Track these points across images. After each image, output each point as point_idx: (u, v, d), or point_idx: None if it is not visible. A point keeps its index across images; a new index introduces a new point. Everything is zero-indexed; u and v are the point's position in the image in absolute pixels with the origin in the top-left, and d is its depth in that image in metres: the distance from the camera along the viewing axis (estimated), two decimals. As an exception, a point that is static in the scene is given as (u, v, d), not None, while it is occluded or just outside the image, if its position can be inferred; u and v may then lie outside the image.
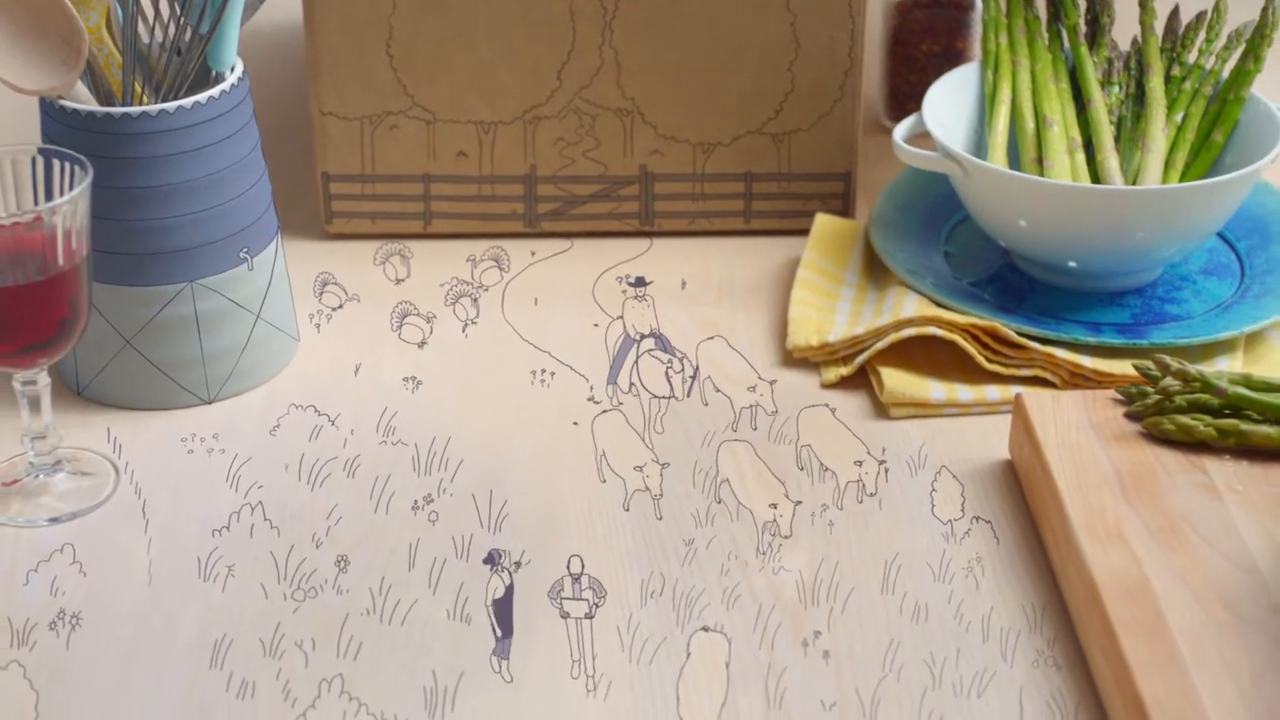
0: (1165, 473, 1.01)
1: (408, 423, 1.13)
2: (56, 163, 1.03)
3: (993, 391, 1.14)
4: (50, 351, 1.02)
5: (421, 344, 1.19)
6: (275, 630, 0.97)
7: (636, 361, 1.17)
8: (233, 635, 0.96)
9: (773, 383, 1.15)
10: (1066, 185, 1.17)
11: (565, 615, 0.95)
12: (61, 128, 1.08)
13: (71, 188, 1.01)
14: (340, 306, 1.23)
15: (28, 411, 1.06)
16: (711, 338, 1.19)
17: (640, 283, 1.25)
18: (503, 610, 0.96)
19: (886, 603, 0.98)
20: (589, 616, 0.95)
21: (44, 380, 1.04)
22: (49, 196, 1.03)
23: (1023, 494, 1.07)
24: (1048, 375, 1.15)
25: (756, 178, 1.31)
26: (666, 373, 1.15)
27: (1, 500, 1.06)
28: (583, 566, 0.99)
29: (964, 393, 1.14)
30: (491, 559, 1.00)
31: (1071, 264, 1.20)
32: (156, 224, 1.10)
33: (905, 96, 1.45)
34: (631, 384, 1.15)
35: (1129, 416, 1.05)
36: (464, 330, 1.21)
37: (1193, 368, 1.06)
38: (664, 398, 1.14)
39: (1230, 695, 0.86)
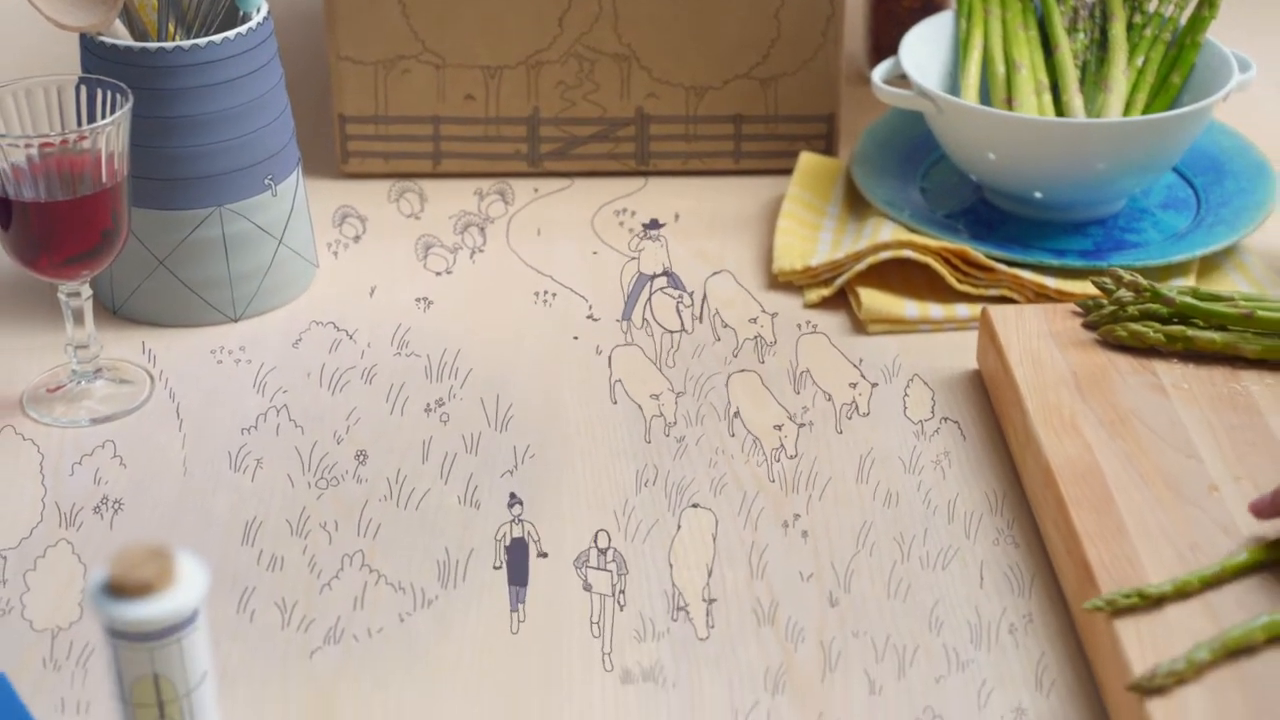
0: (1118, 374, 1.10)
1: (420, 337, 1.21)
2: (99, 91, 1.11)
3: (962, 309, 1.23)
4: (93, 263, 1.11)
5: (445, 272, 1.28)
6: (301, 513, 1.05)
7: (650, 298, 1.24)
8: (262, 517, 1.05)
9: (774, 315, 1.23)
10: (1032, 119, 1.26)
11: (588, 588, 0.99)
12: (101, 62, 1.17)
13: (113, 113, 1.10)
14: (358, 238, 1.32)
15: (71, 323, 1.14)
16: (717, 273, 1.27)
17: (654, 224, 1.32)
18: (517, 560, 1.02)
19: (861, 490, 1.07)
20: (613, 594, 0.99)
21: (86, 293, 1.13)
22: (92, 121, 1.11)
23: (988, 399, 1.16)
24: (1013, 295, 1.24)
25: (745, 120, 1.40)
26: (677, 308, 1.23)
27: (47, 404, 1.15)
28: (609, 541, 1.03)
29: (936, 310, 1.23)
30: (512, 500, 1.05)
31: (1038, 195, 1.29)
32: (188, 151, 1.19)
33: (887, 50, 1.54)
34: (645, 320, 1.23)
35: (1086, 326, 1.14)
36: (471, 257, 1.30)
37: (1144, 280, 1.14)
38: (675, 332, 1.22)
39: (1169, 560, 0.95)
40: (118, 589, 0.65)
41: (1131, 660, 0.88)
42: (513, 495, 1.04)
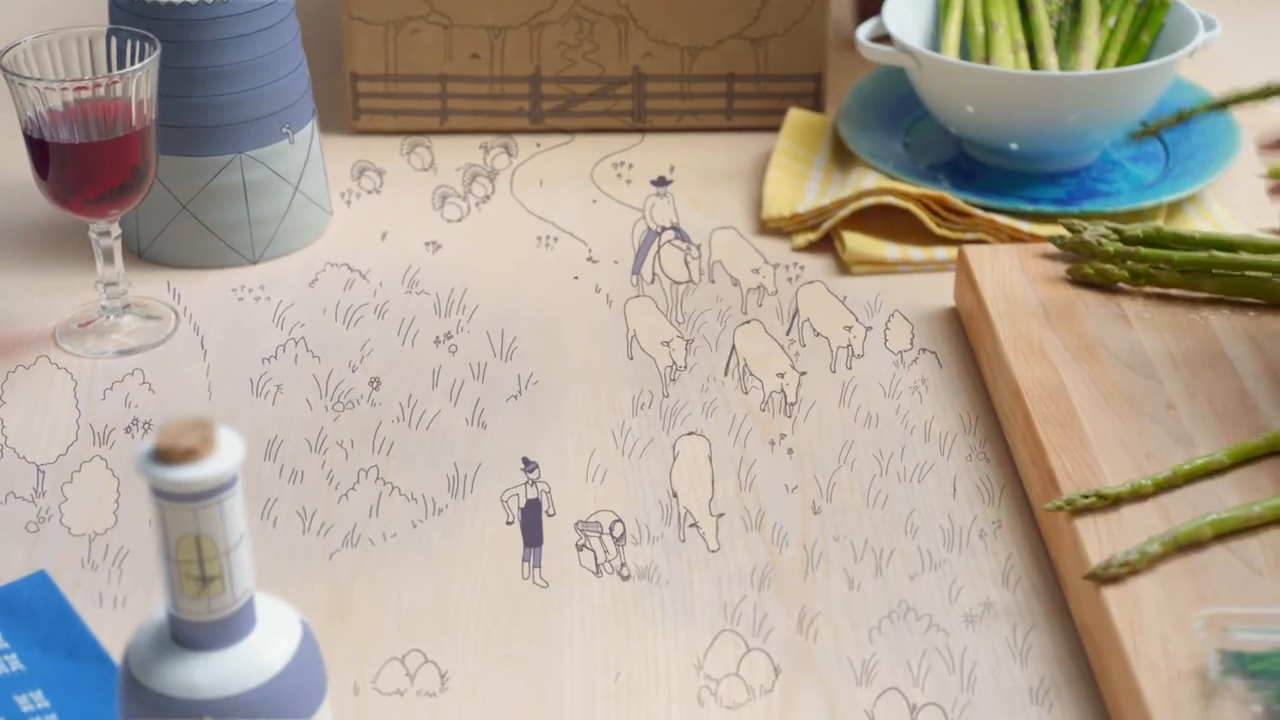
0: (1084, 306, 1.18)
1: (429, 277, 1.29)
2: (128, 41, 1.19)
3: (941, 252, 1.31)
4: (122, 201, 1.18)
5: (460, 220, 1.35)
6: (319, 433, 1.13)
7: (658, 252, 1.31)
8: (283, 436, 1.12)
9: (775, 266, 1.29)
10: (1007, 72, 1.33)
11: (584, 546, 1.03)
12: (128, 15, 1.24)
13: (142, 60, 1.17)
14: (375, 190, 1.39)
15: (101, 261, 1.22)
16: (723, 227, 1.33)
17: (662, 182, 1.38)
18: (531, 522, 1.06)
19: (843, 413, 1.14)
20: (614, 567, 1.03)
21: (115, 232, 1.20)
22: (122, 69, 1.19)
23: (964, 333, 1.23)
24: (989, 238, 1.31)
25: (737, 78, 1.47)
26: (684, 259, 1.30)
27: (78, 337, 1.22)
28: (624, 529, 1.06)
29: (916, 253, 1.31)
30: (528, 464, 1.10)
31: (1014, 146, 1.36)
32: (210, 101, 1.26)
33: (872, 13, 1.61)
34: (654, 274, 1.29)
35: (1062, 249, 1.21)
36: (478, 205, 1.37)
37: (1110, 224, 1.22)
38: (682, 283, 1.28)
39: (1127, 468, 1.02)
40: (164, 455, 0.72)
41: (1089, 554, 0.96)
42: (527, 460, 1.09)
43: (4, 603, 0.98)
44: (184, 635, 0.76)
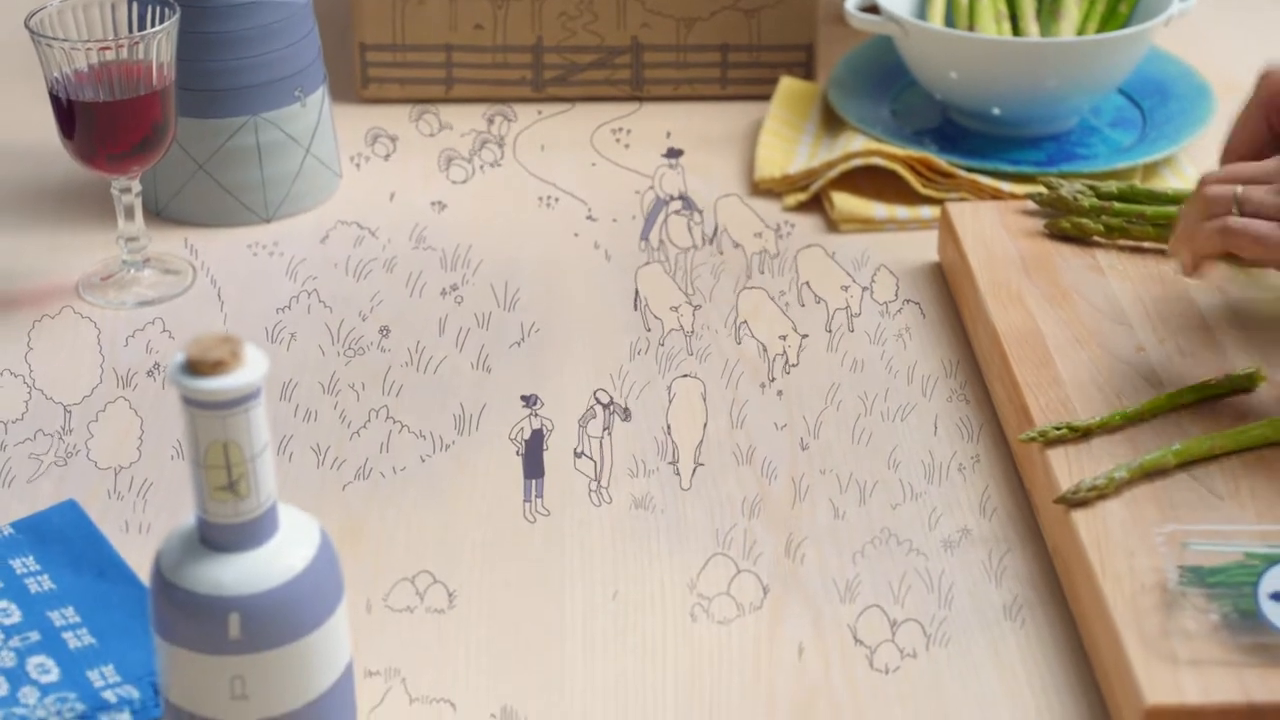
0: (1060, 258, 1.23)
1: (436, 234, 1.34)
2: (149, 6, 1.24)
3: (926, 211, 1.36)
4: (143, 158, 1.24)
5: (464, 181, 1.41)
6: (331, 377, 1.19)
7: (665, 220, 1.36)
8: (297, 379, 1.18)
9: (776, 231, 1.34)
10: (989, 38, 1.39)
11: (582, 453, 1.10)
12: (148, -17, 1.30)
13: (162, 23, 1.23)
14: (388, 156, 1.44)
15: (123, 218, 1.27)
16: (726, 195, 1.39)
17: (673, 153, 1.43)
18: (533, 452, 1.13)
19: (830, 358, 1.20)
20: (607, 430, 1.11)
21: (136, 188, 1.26)
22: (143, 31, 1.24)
23: (947, 286, 1.29)
24: (971, 197, 1.37)
25: (731, 48, 1.53)
26: (688, 226, 1.35)
27: (100, 290, 1.28)
28: (611, 399, 1.15)
29: (902, 211, 1.36)
30: (529, 401, 1.16)
31: (996, 111, 1.42)
32: (226, 65, 1.32)
33: (863, -9, 1.67)
34: (661, 240, 1.35)
35: (1041, 206, 1.26)
36: (482, 169, 1.43)
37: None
38: (687, 249, 1.34)
39: (1098, 404, 1.08)
40: (195, 367, 0.78)
41: (1060, 481, 1.01)
42: (526, 396, 1.15)
43: (35, 529, 1.04)
44: (212, 538, 0.81)
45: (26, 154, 1.45)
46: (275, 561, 0.82)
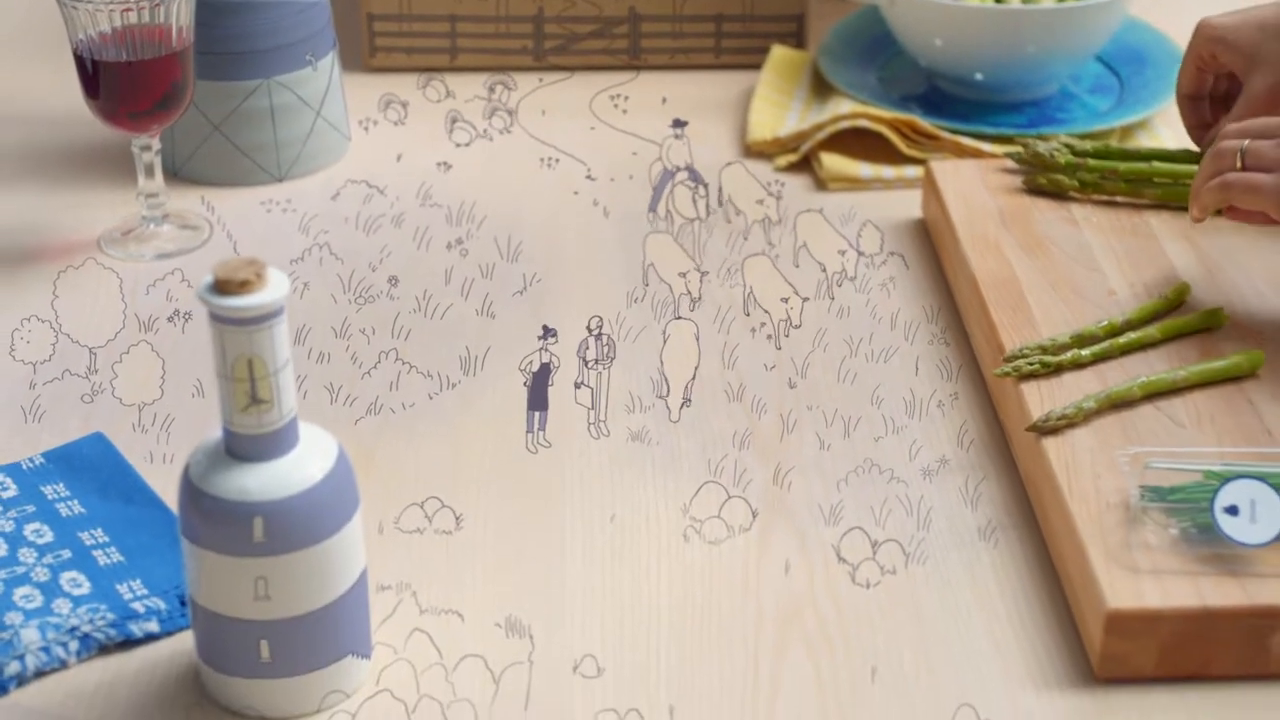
0: (1037, 211, 1.29)
1: (441, 192, 1.41)
2: (168, -28, 1.30)
3: (910, 171, 1.43)
4: (163, 116, 1.30)
5: (468, 144, 1.47)
6: (343, 322, 1.25)
7: (671, 191, 1.42)
8: (310, 325, 1.24)
9: (778, 199, 1.40)
10: (971, 6, 1.45)
11: (581, 384, 1.16)
12: (167, -49, 1.36)
13: (181, -12, 1.29)
14: (399, 122, 1.50)
15: (143, 175, 1.33)
16: (729, 164, 1.44)
17: (679, 124, 1.48)
18: (539, 385, 1.19)
19: (818, 305, 1.26)
20: (599, 362, 1.17)
21: (156, 146, 1.32)
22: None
23: (930, 240, 1.35)
24: (954, 158, 1.43)
25: (725, 19, 1.59)
26: (693, 197, 1.40)
27: (121, 244, 1.34)
28: (601, 326, 1.22)
29: (887, 171, 1.43)
30: (546, 333, 1.21)
31: (979, 76, 1.48)
32: (241, 29, 1.38)
33: (853, -33, 1.73)
34: (668, 211, 1.40)
35: (1020, 163, 1.32)
36: (485, 132, 1.49)
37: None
38: (692, 219, 1.39)
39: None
40: (222, 286, 0.84)
41: (1033, 412, 1.07)
42: (547, 327, 1.21)
43: (65, 458, 1.10)
44: (237, 448, 0.88)
45: (49, 120, 1.51)
46: (296, 471, 0.88)
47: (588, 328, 1.16)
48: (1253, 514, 0.95)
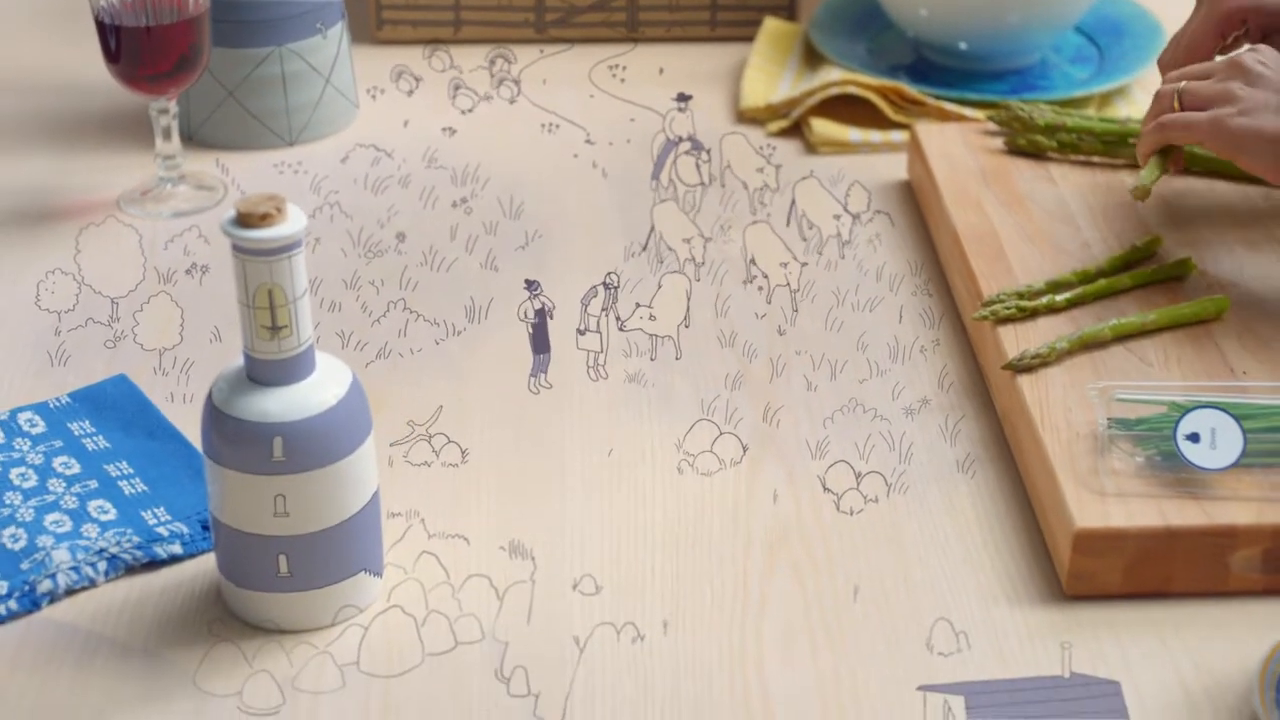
0: (1016, 170, 1.35)
1: (446, 155, 1.46)
2: (184, -59, 1.36)
3: (897, 135, 1.48)
4: (180, 79, 1.35)
5: (470, 110, 1.52)
6: (353, 274, 1.30)
7: (675, 160, 1.47)
8: (322, 277, 1.30)
9: (778, 166, 1.45)
10: (955, -23, 1.51)
11: (584, 330, 1.20)
12: (183, -77, 1.42)
13: (197, -43, 1.35)
14: (410, 92, 1.55)
15: (160, 138, 1.39)
16: (731, 133, 1.50)
17: (683, 97, 1.53)
18: (540, 330, 1.25)
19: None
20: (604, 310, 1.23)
21: (173, 109, 1.38)
22: (179, -35, 1.37)
23: (915, 201, 1.41)
24: (939, 123, 1.49)
25: (719, -8, 1.66)
26: (696, 164, 1.46)
27: (139, 203, 1.40)
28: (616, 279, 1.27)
29: (874, 135, 1.48)
30: (530, 286, 1.28)
31: (963, 45, 1.54)
32: (254, -1, 1.44)
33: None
34: (670, 180, 1.45)
35: (999, 126, 1.38)
36: (487, 96, 1.55)
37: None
38: (694, 186, 1.44)
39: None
40: (244, 220, 0.90)
41: (1009, 353, 1.13)
42: (529, 280, 1.26)
43: (90, 398, 1.15)
44: (257, 373, 0.93)
45: (71, 89, 1.57)
46: (313, 395, 0.94)
47: (604, 282, 1.21)
48: (1213, 441, 1.01)
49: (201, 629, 0.98)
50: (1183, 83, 1.18)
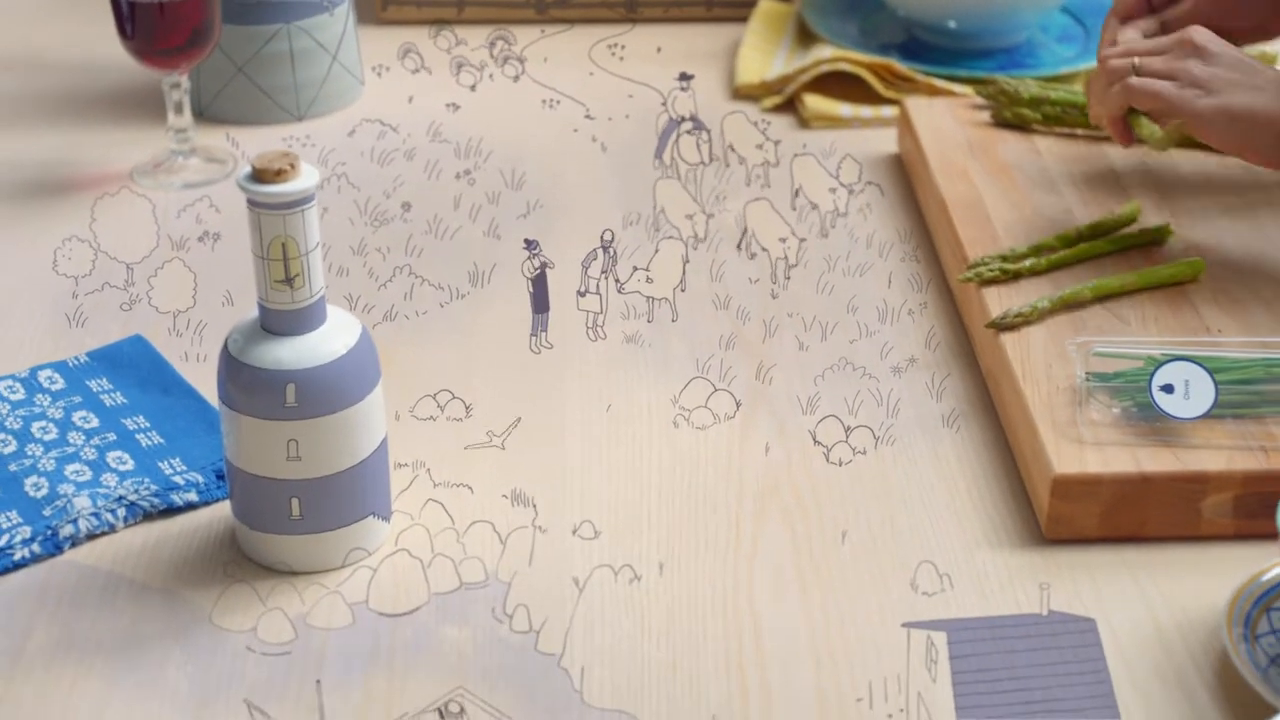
0: (1003, 141, 1.40)
1: (450, 130, 1.51)
2: (196, -79, 1.41)
3: (888, 110, 1.53)
4: (192, 53, 1.40)
5: (473, 87, 1.57)
6: (360, 242, 1.35)
7: (677, 139, 1.51)
8: (329, 243, 1.34)
9: (777, 143, 1.49)
10: (944, -43, 1.56)
11: (585, 291, 1.25)
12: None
13: (209, -65, 1.40)
14: (417, 70, 1.60)
15: (172, 112, 1.44)
16: (732, 112, 1.54)
17: (685, 76, 1.57)
18: (540, 289, 1.29)
19: (799, 227, 1.36)
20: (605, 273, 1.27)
21: (185, 84, 1.42)
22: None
23: (905, 172, 1.45)
24: (928, 98, 1.53)
25: (716, -26, 1.70)
26: (697, 143, 1.50)
27: (152, 175, 1.45)
28: (612, 238, 1.31)
29: (866, 111, 1.53)
30: (529, 244, 1.32)
31: (952, 24, 1.59)
32: (264, -23, 1.49)
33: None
34: (673, 158, 1.49)
35: (986, 99, 1.43)
36: (490, 76, 1.59)
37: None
38: (696, 164, 1.49)
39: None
40: (260, 175, 0.94)
41: (992, 313, 1.18)
42: (527, 240, 1.31)
43: (108, 356, 1.20)
44: (271, 323, 0.98)
45: (85, 67, 1.62)
46: (324, 344, 0.98)
47: (601, 240, 1.25)
48: (1186, 392, 1.05)
49: (217, 571, 1.03)
50: (1135, 59, 1.23)
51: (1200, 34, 1.22)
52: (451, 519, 1.06)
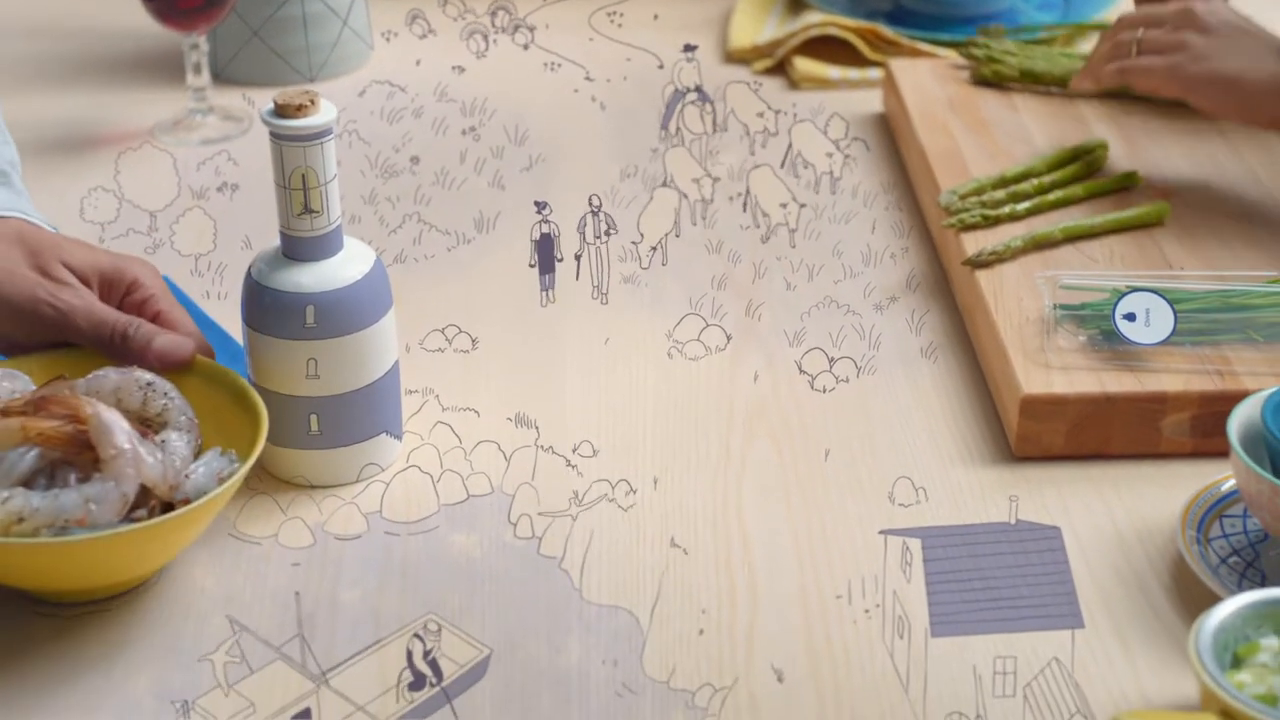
0: (982, 99, 1.47)
1: (456, 90, 1.58)
2: (215, -112, 1.48)
3: (874, 73, 1.60)
4: (210, 15, 1.47)
5: (482, 54, 1.64)
6: (371, 191, 1.42)
7: (681, 110, 1.58)
8: (341, 193, 1.41)
9: (778, 112, 1.56)
10: (929, -75, 1.63)
11: (581, 255, 1.31)
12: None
13: (227, -98, 1.47)
14: (425, 35, 1.67)
15: (191, 72, 1.51)
16: (735, 81, 1.60)
17: (690, 47, 1.63)
18: (545, 252, 1.36)
19: (788, 180, 1.43)
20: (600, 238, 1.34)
21: (204, 45, 1.50)
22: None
23: (888, 130, 1.52)
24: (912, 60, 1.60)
25: (710, -55, 1.77)
26: (700, 114, 1.57)
27: (172, 131, 1.52)
28: (600, 204, 1.38)
29: (853, 73, 1.60)
30: (540, 205, 1.39)
31: (937, -10, 1.66)
32: (278, -56, 1.56)
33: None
34: (678, 128, 1.56)
35: (965, 57, 1.50)
36: (494, 42, 1.66)
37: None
38: (700, 134, 1.55)
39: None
40: (282, 110, 1.01)
41: (969, 253, 1.25)
42: (538, 201, 1.37)
43: (134, 294, 1.27)
44: (292, 249, 1.05)
45: (107, 33, 1.69)
46: (341, 270, 1.05)
47: (589, 203, 1.32)
48: (1147, 320, 1.12)
49: (239, 485, 1.10)
50: (1140, 30, 1.30)
51: (1202, 5, 1.29)
52: (459, 439, 1.13)
